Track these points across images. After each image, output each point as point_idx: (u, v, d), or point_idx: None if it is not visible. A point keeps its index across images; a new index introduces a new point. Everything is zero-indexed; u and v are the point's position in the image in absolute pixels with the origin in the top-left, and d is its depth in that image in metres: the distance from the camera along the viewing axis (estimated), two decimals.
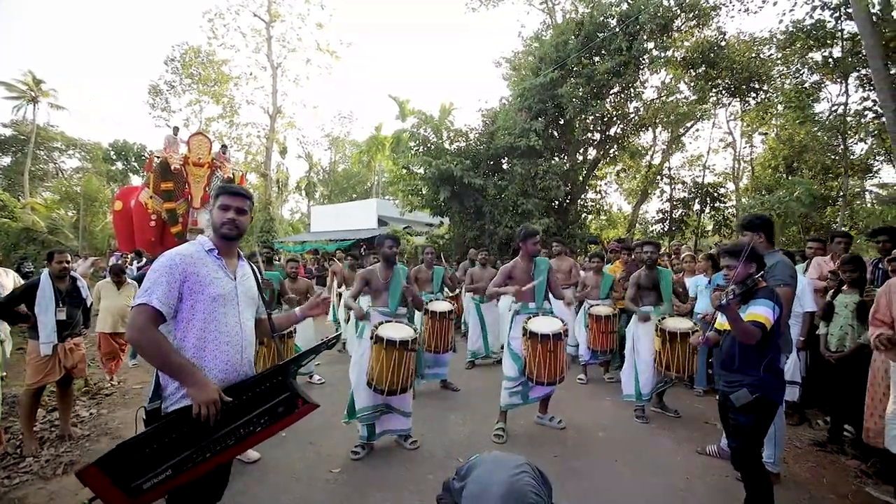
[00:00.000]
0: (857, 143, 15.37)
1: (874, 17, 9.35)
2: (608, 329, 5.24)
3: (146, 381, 5.57)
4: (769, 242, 3.03)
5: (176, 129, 13.14)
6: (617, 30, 12.00)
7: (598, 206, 16.39)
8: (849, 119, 15.50)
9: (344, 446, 3.42)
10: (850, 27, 12.11)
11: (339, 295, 7.51)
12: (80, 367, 3.91)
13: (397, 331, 3.27)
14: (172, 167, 11.56)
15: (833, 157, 17.78)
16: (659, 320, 4.03)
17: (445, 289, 6.27)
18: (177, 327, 1.68)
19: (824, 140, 17.51)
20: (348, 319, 6.97)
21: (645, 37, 11.81)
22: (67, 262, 3.81)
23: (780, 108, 17.15)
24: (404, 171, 13.35)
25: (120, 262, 7.81)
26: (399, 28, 72.81)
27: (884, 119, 13.94)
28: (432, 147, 12.58)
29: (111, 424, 4.14)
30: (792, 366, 3.95)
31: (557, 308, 4.48)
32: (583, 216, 15.16)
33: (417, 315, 4.72)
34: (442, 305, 4.89)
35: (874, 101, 14.50)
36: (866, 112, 14.20)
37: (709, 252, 5.61)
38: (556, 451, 3.40)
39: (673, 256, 7.36)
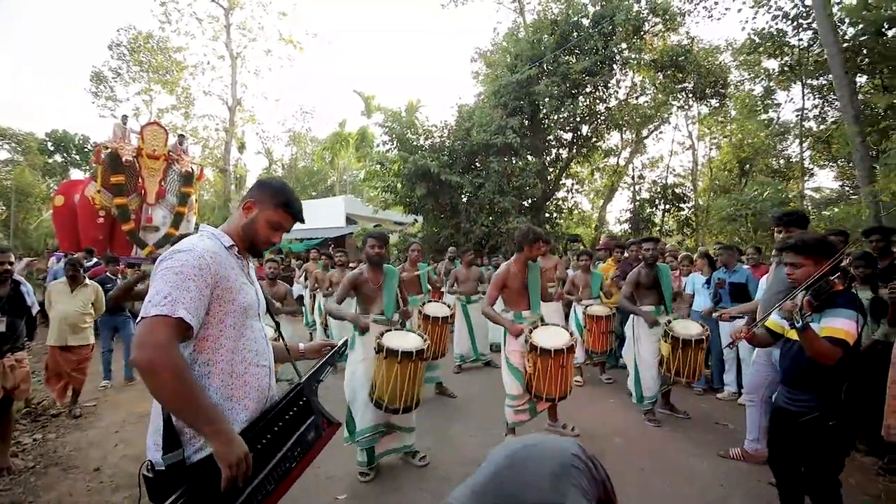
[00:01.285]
0: (805, 149, 16.31)
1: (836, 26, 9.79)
2: (606, 329, 5.11)
3: (98, 397, 4.92)
4: None
5: (125, 118, 12.10)
6: (592, 30, 12.06)
7: (568, 205, 16.53)
8: (792, 125, 16.56)
9: (348, 468, 3.04)
10: (807, 36, 12.72)
11: (313, 297, 7.04)
12: (22, 387, 3.32)
13: (405, 340, 2.92)
14: (123, 159, 10.59)
15: (782, 161, 19.06)
16: (667, 324, 3.86)
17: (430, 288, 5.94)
18: (199, 350, 1.28)
19: (771, 145, 18.73)
20: (325, 324, 6.52)
21: (618, 38, 11.94)
22: (10, 264, 3.20)
23: (733, 112, 18.14)
24: (379, 166, 12.88)
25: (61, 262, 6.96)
26: (364, 24, 71.47)
27: (825, 126, 14.96)
28: (409, 142, 12.19)
29: (61, 452, 3.55)
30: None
31: (547, 311, 4.29)
32: (554, 215, 15.26)
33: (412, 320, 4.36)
34: (439, 309, 4.58)
35: (822, 108, 15.48)
36: (815, 118, 15.07)
37: (704, 251, 5.58)
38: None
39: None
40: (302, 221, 1.59)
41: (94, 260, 7.86)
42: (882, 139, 9.66)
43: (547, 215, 14.68)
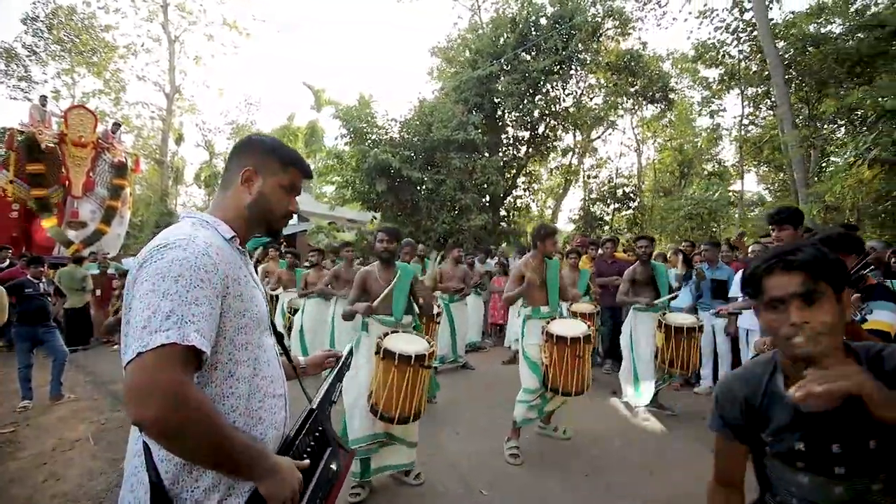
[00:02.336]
0: (737, 154, 17.59)
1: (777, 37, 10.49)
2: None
3: (17, 422, 4.20)
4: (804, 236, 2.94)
5: (43, 99, 10.78)
6: (552, 30, 12.19)
7: (525, 203, 16.73)
8: (726, 131, 17.87)
9: None
10: (745, 48, 13.60)
11: (275, 298, 6.52)
12: None
13: (409, 343, 2.65)
14: (43, 145, 9.36)
15: (716, 164, 20.55)
16: (661, 315, 3.88)
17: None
18: (204, 383, 0.94)
19: (707, 149, 20.12)
20: (289, 327, 6.05)
21: (577, 40, 12.15)
22: None
23: (670, 117, 19.28)
24: (335, 160, 12.32)
25: None
26: (316, 14, 68.98)
27: (759, 132, 16.18)
28: (367, 136, 11.74)
29: None
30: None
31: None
32: (512, 213, 15.38)
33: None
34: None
35: (755, 115, 16.71)
36: (749, 125, 16.25)
37: (678, 248, 5.69)
38: (582, 468, 3.02)
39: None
40: (311, 177, 1.31)
41: (9, 261, 6.84)
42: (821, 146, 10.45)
43: (504, 213, 14.77)
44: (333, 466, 1.24)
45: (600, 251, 5.85)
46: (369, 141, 11.76)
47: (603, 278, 5.49)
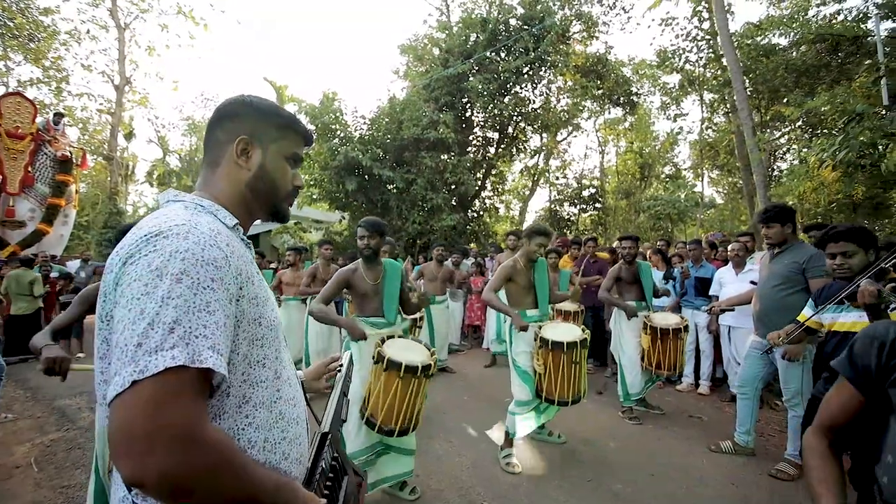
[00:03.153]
0: (689, 158, 18.43)
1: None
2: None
3: None
4: (794, 233, 2.97)
5: None
6: (522, 31, 12.25)
7: (495, 203, 16.77)
8: (682, 136, 18.71)
9: None
10: (704, 56, 14.17)
11: None
12: None
13: (410, 350, 2.44)
14: None
15: (672, 167, 21.46)
16: (646, 317, 3.85)
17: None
18: (216, 414, 0.72)
19: (665, 152, 20.98)
20: None
21: (548, 42, 12.26)
22: None
23: (631, 121, 19.97)
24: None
25: None
26: (277, 8, 66.93)
27: (716, 137, 16.96)
28: (335, 133, 11.36)
29: None
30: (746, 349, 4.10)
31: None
32: (482, 213, 15.36)
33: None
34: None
35: (712, 121, 17.49)
36: (706, 130, 17.00)
37: (657, 247, 5.74)
38: (584, 474, 2.91)
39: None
40: (312, 143, 1.08)
41: None
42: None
43: (473, 214, 14.73)
44: (353, 496, 1.07)
45: (581, 251, 5.82)
46: (337, 139, 11.39)
47: (585, 278, 5.47)
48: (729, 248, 4.49)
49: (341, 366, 1.32)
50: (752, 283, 4.21)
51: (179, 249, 0.67)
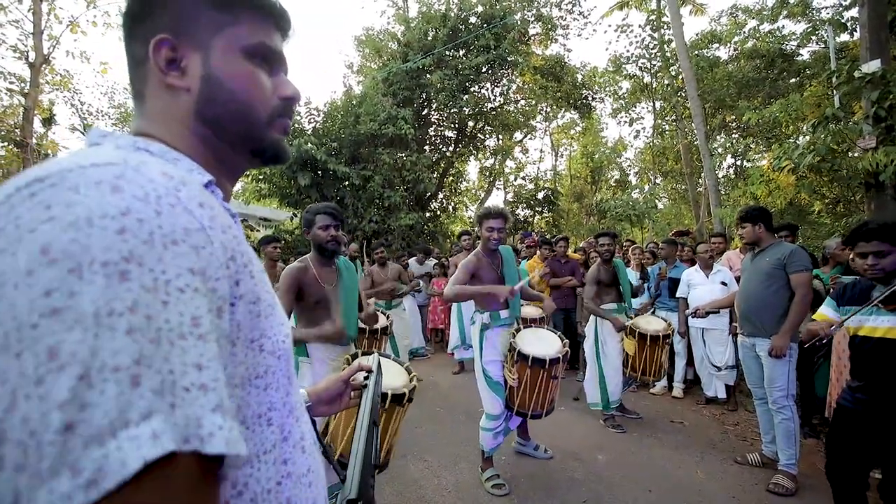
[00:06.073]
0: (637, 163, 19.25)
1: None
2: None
3: None
4: (769, 232, 2.93)
5: None
6: (484, 28, 12.10)
7: (452, 203, 16.59)
8: (630, 141, 19.52)
9: None
10: (657, 64, 14.70)
11: None
12: None
13: (387, 372, 2.04)
14: None
15: (620, 172, 22.33)
16: (630, 322, 3.67)
17: None
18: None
19: (614, 157, 21.77)
20: None
21: (509, 41, 12.19)
22: None
23: (582, 126, 20.55)
24: None
25: None
26: None
27: (667, 142, 17.71)
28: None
29: None
30: (727, 351, 4.06)
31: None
32: (439, 213, 15.11)
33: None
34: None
35: (661, 127, 18.24)
36: (656, 136, 17.70)
37: (637, 246, 5.66)
38: (579, 495, 2.65)
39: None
40: (289, 27, 0.62)
41: None
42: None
43: (430, 213, 14.43)
44: None
45: (553, 251, 5.62)
46: (292, 129, 10.70)
47: (557, 279, 5.28)
48: (698, 248, 4.44)
49: (367, 377, 0.91)
50: (723, 283, 4.17)
51: (107, 211, 0.30)
